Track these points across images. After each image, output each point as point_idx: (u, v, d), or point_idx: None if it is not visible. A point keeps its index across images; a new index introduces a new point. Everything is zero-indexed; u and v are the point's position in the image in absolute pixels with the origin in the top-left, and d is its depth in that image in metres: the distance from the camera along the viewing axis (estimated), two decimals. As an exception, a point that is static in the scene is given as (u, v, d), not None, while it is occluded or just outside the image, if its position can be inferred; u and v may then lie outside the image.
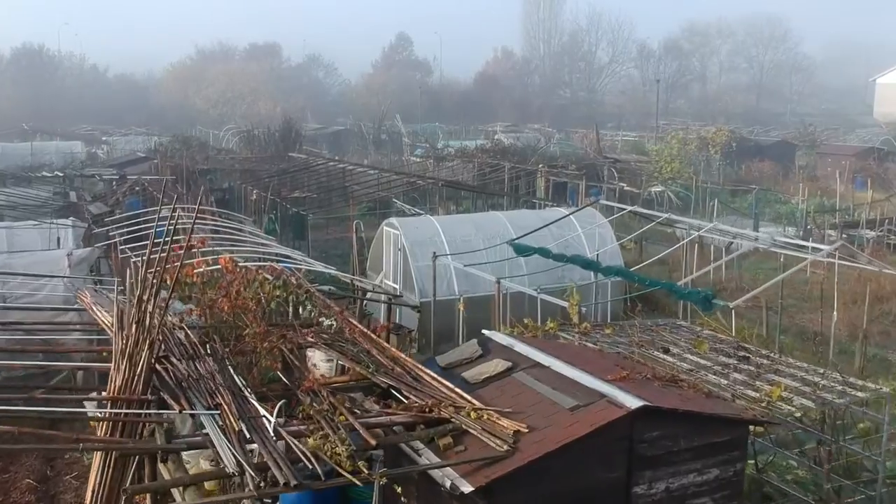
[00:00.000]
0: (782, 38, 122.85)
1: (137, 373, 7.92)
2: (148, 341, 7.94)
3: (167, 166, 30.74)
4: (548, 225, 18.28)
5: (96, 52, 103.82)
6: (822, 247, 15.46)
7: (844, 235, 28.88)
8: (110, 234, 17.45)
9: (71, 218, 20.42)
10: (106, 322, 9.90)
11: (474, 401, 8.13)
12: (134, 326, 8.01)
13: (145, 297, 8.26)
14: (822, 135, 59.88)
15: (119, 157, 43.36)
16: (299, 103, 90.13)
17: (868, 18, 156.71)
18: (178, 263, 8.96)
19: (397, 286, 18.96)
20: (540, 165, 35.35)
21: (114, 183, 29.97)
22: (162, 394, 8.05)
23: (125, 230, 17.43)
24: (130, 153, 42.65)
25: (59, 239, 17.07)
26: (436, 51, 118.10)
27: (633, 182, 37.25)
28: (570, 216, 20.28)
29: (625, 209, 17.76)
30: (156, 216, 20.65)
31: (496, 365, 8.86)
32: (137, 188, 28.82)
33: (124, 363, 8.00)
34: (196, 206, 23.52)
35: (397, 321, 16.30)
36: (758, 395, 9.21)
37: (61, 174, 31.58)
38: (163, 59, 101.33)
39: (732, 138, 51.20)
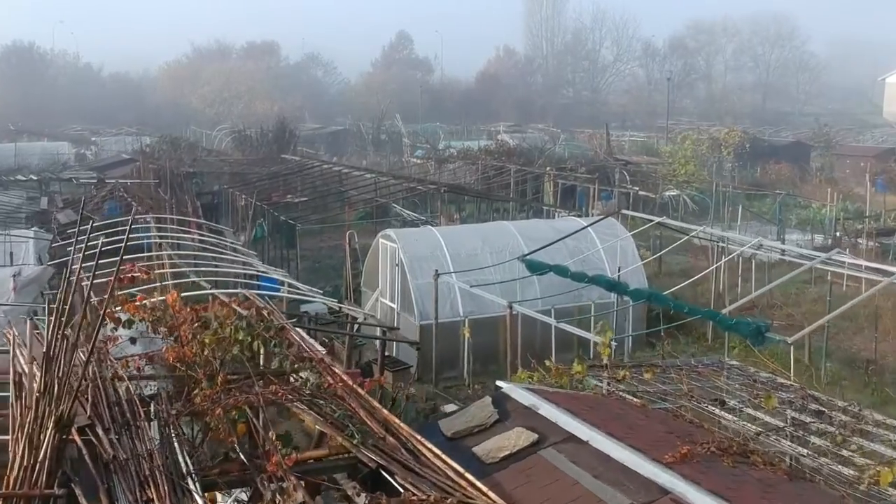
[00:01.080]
0: (789, 37, 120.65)
1: (40, 459, 5.90)
2: (54, 417, 5.93)
3: (150, 169, 28.73)
4: (563, 238, 16.27)
5: (93, 50, 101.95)
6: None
7: (876, 244, 26.90)
8: (68, 249, 15.40)
9: (34, 228, 18.39)
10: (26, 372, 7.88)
11: (491, 493, 6.11)
12: (35, 396, 6.01)
13: (55, 353, 6.26)
14: (837, 135, 57.80)
15: (106, 158, 41.35)
16: (297, 103, 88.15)
17: (870, 17, 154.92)
18: (107, 298, 6.95)
19: (395, 306, 16.98)
20: (547, 168, 33.32)
21: (93, 188, 27.96)
22: (73, 485, 6.04)
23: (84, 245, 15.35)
24: (116, 154, 40.61)
25: (11, 254, 15.04)
26: (437, 49, 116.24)
27: (645, 185, 35.26)
28: (588, 228, 18.27)
29: (652, 220, 15.73)
30: (127, 228, 18.68)
31: (518, 437, 6.85)
32: (117, 193, 26.86)
33: (23, 444, 5.99)
34: (172, 217, 21.59)
35: (394, 353, 14.31)
36: (852, 472, 7.19)
37: (36, 178, 29.53)
38: (160, 58, 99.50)
39: (745, 139, 49.21)
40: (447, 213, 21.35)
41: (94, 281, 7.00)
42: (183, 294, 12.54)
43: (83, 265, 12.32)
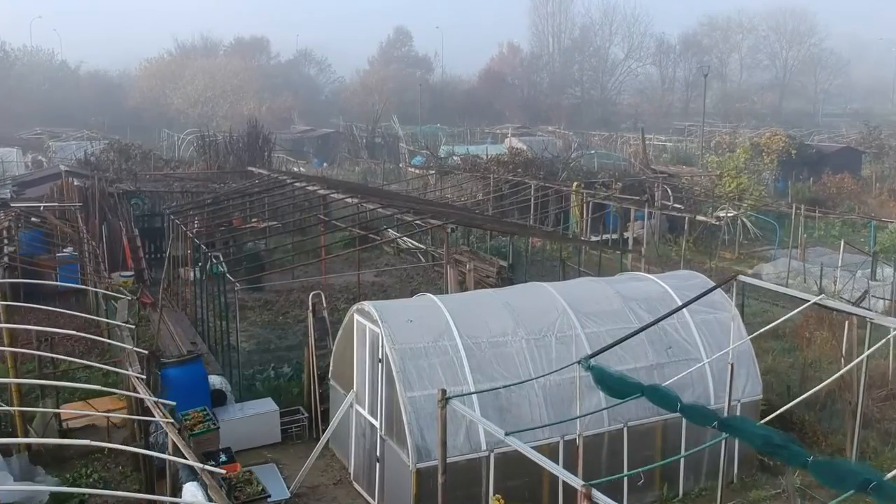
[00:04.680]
0: (808, 34, 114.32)
1: None
2: None
3: (74, 188, 22.52)
4: (648, 326, 10.07)
5: (76, 48, 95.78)
6: None
7: None
8: None
9: None
10: None
11: None
12: None
13: None
14: (889, 139, 51.48)
15: (45, 170, 35.07)
16: (287, 103, 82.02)
17: (873, 15, 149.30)
18: None
19: (376, 424, 10.82)
20: (575, 184, 27.12)
21: (-1, 212, 21.76)
22: None
23: None
24: (54, 166, 34.27)
25: None
26: (437, 47, 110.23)
27: (690, 203, 29.14)
28: (669, 289, 12.13)
29: (805, 299, 9.52)
30: None
31: None
32: (26, 221, 20.79)
33: None
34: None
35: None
36: None
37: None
38: (142, 55, 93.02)
39: (791, 145, 42.99)
40: (455, 264, 15.15)
41: None
42: None
43: None
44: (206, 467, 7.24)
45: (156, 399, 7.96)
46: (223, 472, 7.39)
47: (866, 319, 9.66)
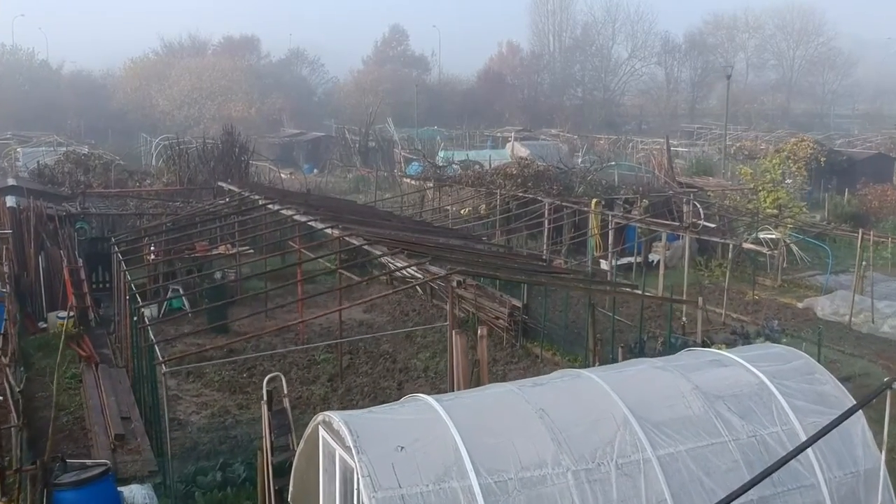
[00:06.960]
0: (815, 32, 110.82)
1: None
2: None
3: (6, 210, 19.00)
4: (767, 474, 6.55)
5: (67, 51, 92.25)
6: None
7: None
8: None
9: None
10: None
11: None
12: None
13: None
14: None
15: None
16: (278, 104, 78.45)
17: (874, 14, 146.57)
18: None
19: None
20: (594, 201, 23.64)
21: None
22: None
23: None
24: None
25: None
26: (434, 45, 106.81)
27: (721, 221, 25.68)
28: (772, 388, 8.64)
29: None
30: None
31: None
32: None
33: None
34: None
35: None
36: None
37: None
38: (128, 54, 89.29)
39: (819, 151, 39.62)
40: (459, 301, 11.63)
41: None
42: None
43: None
44: None
45: None
46: None
47: None
